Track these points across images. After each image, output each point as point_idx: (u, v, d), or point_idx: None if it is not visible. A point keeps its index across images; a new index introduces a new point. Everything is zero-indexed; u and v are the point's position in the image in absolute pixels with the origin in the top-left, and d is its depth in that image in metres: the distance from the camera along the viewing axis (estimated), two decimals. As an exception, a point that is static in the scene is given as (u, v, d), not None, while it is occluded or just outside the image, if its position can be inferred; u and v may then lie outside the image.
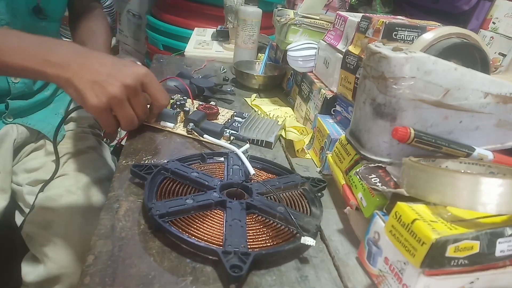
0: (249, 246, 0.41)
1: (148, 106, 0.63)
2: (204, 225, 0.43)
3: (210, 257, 0.40)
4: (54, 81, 0.57)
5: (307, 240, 0.41)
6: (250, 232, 0.43)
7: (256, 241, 0.42)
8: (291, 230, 0.44)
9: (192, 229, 0.43)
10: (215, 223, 0.44)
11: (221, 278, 0.38)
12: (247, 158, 0.57)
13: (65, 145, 0.84)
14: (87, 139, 0.87)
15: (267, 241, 0.42)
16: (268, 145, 0.67)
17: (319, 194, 0.54)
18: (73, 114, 0.90)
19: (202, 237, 0.42)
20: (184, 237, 0.41)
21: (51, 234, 0.73)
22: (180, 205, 0.45)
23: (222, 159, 0.58)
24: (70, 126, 0.89)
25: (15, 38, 0.59)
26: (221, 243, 0.41)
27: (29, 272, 0.75)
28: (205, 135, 0.63)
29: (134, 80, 0.56)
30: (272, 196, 0.49)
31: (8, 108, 0.79)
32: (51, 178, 0.73)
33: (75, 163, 0.81)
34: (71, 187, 0.73)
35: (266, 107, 0.83)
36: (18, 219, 0.80)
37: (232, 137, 0.66)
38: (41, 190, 0.74)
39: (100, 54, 0.60)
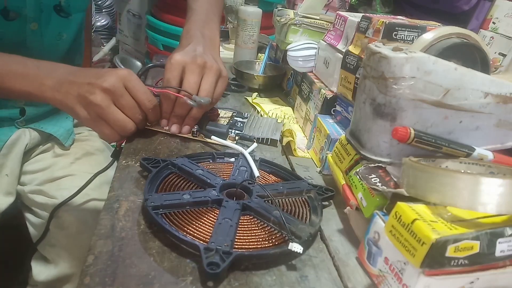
0: (236, 246, 0.41)
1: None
2: (197, 221, 0.44)
3: (195, 252, 0.40)
4: (53, 104, 0.59)
5: (294, 246, 0.40)
6: (241, 232, 0.43)
7: (244, 242, 0.42)
8: (284, 235, 0.44)
9: (183, 223, 0.43)
10: (208, 221, 0.44)
11: (200, 274, 0.38)
12: (255, 159, 0.57)
13: (74, 148, 0.85)
14: (95, 141, 0.88)
15: (257, 243, 0.42)
16: (274, 142, 0.67)
17: (327, 203, 0.53)
18: None
19: (191, 232, 0.42)
20: (171, 230, 0.41)
21: (62, 234, 0.74)
22: (176, 199, 0.46)
23: (232, 159, 0.58)
24: (79, 129, 0.90)
25: (17, 64, 0.61)
26: (208, 241, 0.41)
27: (40, 271, 0.76)
28: (212, 137, 0.63)
29: (113, 83, 0.56)
30: (270, 200, 0.49)
31: (25, 114, 0.80)
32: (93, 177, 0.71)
33: (83, 164, 0.81)
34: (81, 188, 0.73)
35: (267, 106, 0.83)
36: (26, 219, 0.81)
37: (237, 137, 0.66)
38: (75, 195, 0.71)
39: (92, 69, 0.61)
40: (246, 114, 0.75)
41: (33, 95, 0.59)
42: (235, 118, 0.73)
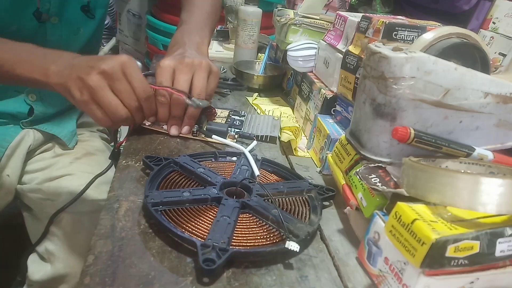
0: (233, 243, 0.41)
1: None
2: (195, 218, 0.44)
3: (193, 249, 0.40)
4: (57, 90, 0.59)
5: (291, 244, 0.40)
6: (239, 230, 0.43)
7: (242, 240, 0.42)
8: (282, 233, 0.44)
9: (182, 220, 0.43)
10: (207, 218, 0.44)
11: (197, 271, 0.38)
12: (257, 159, 0.58)
13: (75, 148, 0.85)
14: (95, 142, 0.88)
15: (254, 241, 0.42)
16: (273, 140, 0.68)
17: (327, 202, 0.53)
18: (83, 119, 0.91)
19: (190, 229, 0.42)
20: (169, 226, 0.41)
21: (58, 233, 0.74)
22: (176, 197, 0.46)
23: (234, 158, 0.59)
24: (80, 130, 0.90)
25: (26, 52, 0.62)
26: (205, 237, 0.41)
27: (36, 270, 0.76)
28: (213, 136, 0.64)
29: (111, 66, 0.55)
30: (270, 199, 0.49)
31: (33, 115, 0.80)
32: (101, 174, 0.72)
33: (83, 164, 0.81)
34: (79, 187, 0.73)
35: (266, 107, 0.83)
36: (25, 218, 0.81)
37: (236, 135, 0.66)
38: (74, 200, 0.71)
39: (96, 56, 0.61)
40: (243, 112, 0.75)
41: (39, 82, 0.59)
42: (232, 116, 0.73)
